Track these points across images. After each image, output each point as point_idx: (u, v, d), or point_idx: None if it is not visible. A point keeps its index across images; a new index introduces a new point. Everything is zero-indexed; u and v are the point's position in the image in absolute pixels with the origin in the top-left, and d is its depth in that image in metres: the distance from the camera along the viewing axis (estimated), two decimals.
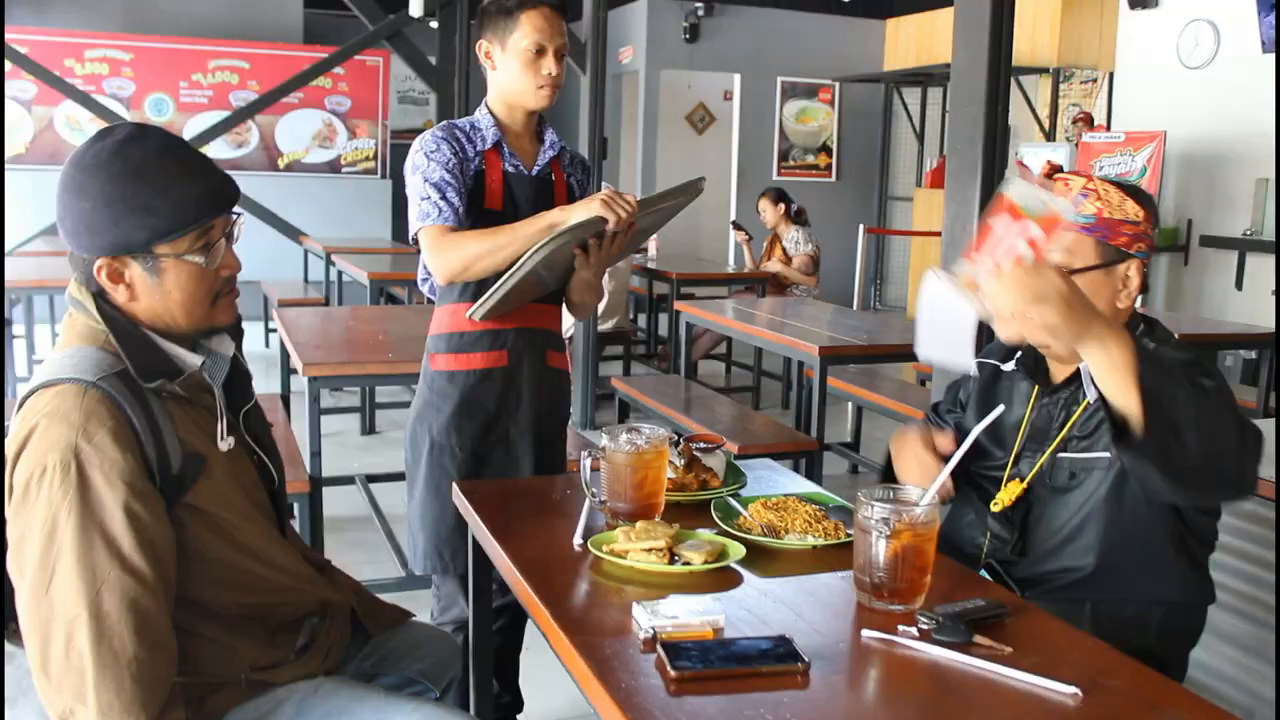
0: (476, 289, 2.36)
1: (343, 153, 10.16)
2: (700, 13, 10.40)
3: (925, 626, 1.46)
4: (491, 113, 2.43)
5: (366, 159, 10.15)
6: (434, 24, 9.03)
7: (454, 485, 2.12)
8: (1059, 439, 1.86)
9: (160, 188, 1.54)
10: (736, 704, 1.28)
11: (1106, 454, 1.79)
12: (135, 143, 1.55)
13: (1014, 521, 1.90)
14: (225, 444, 1.65)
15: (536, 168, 2.46)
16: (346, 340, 4.16)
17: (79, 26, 9.47)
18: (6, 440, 1.50)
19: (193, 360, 1.62)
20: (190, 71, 9.69)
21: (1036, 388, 1.93)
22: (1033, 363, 1.94)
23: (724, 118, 11.43)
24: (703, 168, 11.47)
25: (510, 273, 2.21)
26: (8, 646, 1.55)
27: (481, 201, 2.37)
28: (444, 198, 2.31)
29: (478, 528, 1.93)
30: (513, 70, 2.37)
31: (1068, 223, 1.63)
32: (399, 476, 4.76)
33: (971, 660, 1.39)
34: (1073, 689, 1.32)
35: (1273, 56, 7.43)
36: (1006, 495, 1.91)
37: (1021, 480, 1.90)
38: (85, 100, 8.46)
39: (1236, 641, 2.67)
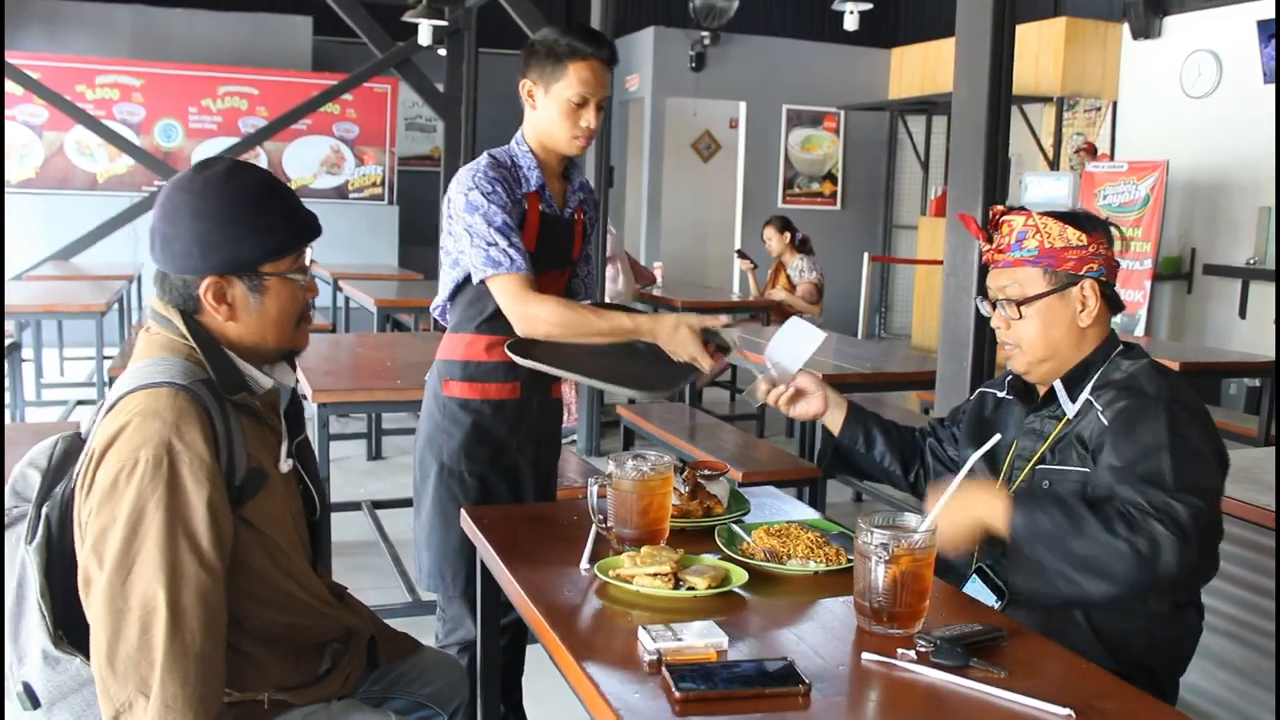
0: (495, 321, 2.38)
1: (350, 179, 10.19)
2: (706, 41, 10.44)
3: (923, 650, 1.50)
4: (531, 151, 2.43)
5: (374, 185, 10.19)
6: (442, 52, 9.06)
7: (462, 510, 2.15)
8: (1040, 452, 1.97)
9: (271, 210, 1.65)
10: None
11: (1079, 469, 1.90)
12: (241, 170, 1.66)
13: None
14: (286, 465, 1.72)
15: (567, 210, 2.49)
16: (354, 367, 4.16)
17: (90, 53, 9.55)
18: (94, 438, 1.55)
19: (266, 381, 1.70)
20: (200, 97, 9.75)
21: (1026, 410, 2.05)
22: (1023, 387, 2.06)
23: (729, 146, 11.46)
24: (708, 195, 11.54)
25: (573, 375, 2.24)
26: (54, 652, 1.58)
27: (523, 236, 2.37)
28: (512, 244, 2.29)
29: (486, 552, 1.96)
30: (551, 115, 2.38)
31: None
32: (406, 502, 4.74)
33: (968, 683, 1.43)
34: (1067, 711, 1.35)
35: (1273, 86, 7.47)
36: None
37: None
38: (96, 126, 8.50)
39: (1229, 665, 2.68)
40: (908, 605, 1.56)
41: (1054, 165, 8.95)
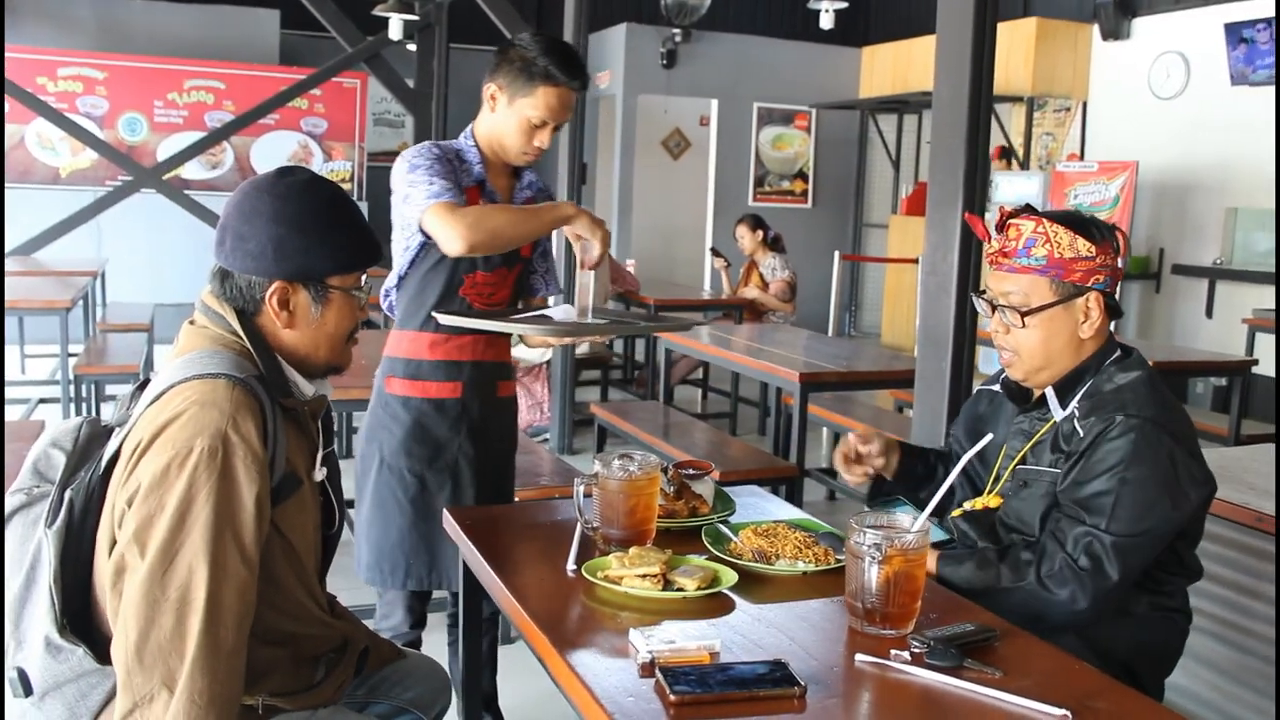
0: (437, 320, 2.41)
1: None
2: (678, 39, 10.41)
3: (917, 651, 1.50)
4: (477, 146, 2.45)
5: (342, 181, 10.05)
6: (412, 47, 8.99)
7: (445, 511, 2.14)
8: (1023, 452, 2.00)
9: (346, 226, 1.69)
10: None
11: (1053, 470, 1.92)
12: (322, 184, 1.70)
13: (982, 523, 2.02)
14: (320, 473, 1.74)
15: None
16: None
17: (51, 44, 9.37)
18: (139, 424, 1.53)
19: (308, 389, 1.72)
20: (165, 91, 9.59)
21: (1017, 409, 2.08)
22: (1015, 386, 2.07)
23: (700, 143, 11.44)
24: (679, 193, 11.53)
25: (503, 326, 2.35)
26: (58, 640, 1.55)
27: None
28: (451, 184, 2.30)
29: (470, 554, 1.94)
30: (509, 126, 2.39)
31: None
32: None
33: (963, 684, 1.43)
34: (1062, 711, 1.35)
35: (1241, 89, 7.55)
36: (980, 502, 2.04)
37: (994, 493, 2.04)
38: (58, 119, 8.35)
39: (1214, 665, 2.69)
40: (901, 606, 1.56)
41: (1024, 165, 9.00)
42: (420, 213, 2.30)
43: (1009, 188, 8.49)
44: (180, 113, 9.64)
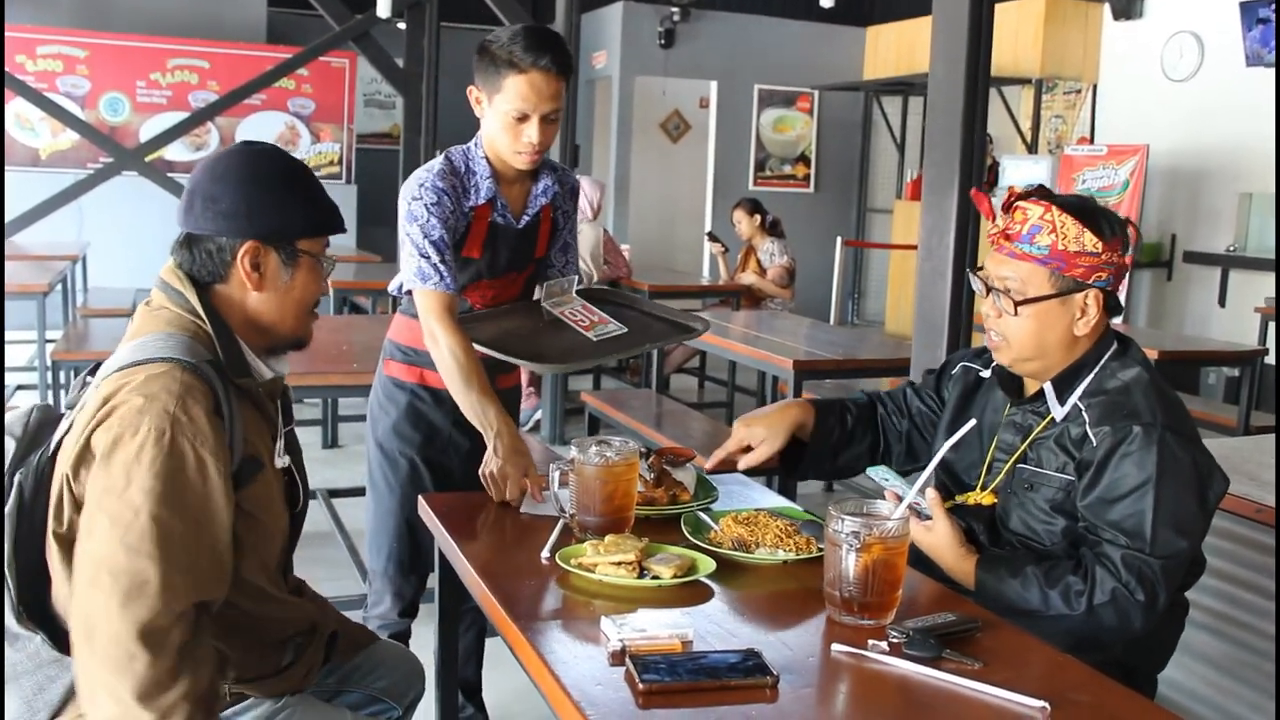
0: None
1: (306, 157, 9.96)
2: (676, 18, 10.28)
3: (895, 641, 1.49)
4: (486, 157, 2.35)
5: (330, 163, 9.97)
6: (402, 25, 8.84)
7: (420, 498, 2.14)
8: (1021, 450, 1.94)
9: (315, 190, 1.74)
10: (704, 717, 1.30)
11: (1060, 475, 1.88)
12: (287, 154, 1.77)
13: (981, 520, 1.99)
14: (282, 460, 1.74)
15: (524, 219, 2.41)
16: (309, 350, 3.98)
17: (30, 21, 9.24)
18: (86, 405, 1.54)
19: (267, 371, 1.73)
20: (148, 70, 9.47)
21: (1009, 400, 2.03)
22: (1007, 375, 2.01)
23: (699, 126, 11.30)
24: (677, 177, 11.36)
25: (514, 360, 2.30)
26: (15, 628, 1.55)
27: (461, 248, 2.34)
28: (443, 261, 2.25)
29: (444, 540, 1.94)
30: (494, 127, 2.29)
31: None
32: (362, 491, 4.71)
33: (941, 675, 1.41)
34: (1041, 703, 1.34)
35: (1256, 70, 7.36)
36: (973, 497, 2.00)
37: (988, 489, 1.99)
38: (37, 98, 8.19)
39: (1209, 660, 2.66)
40: (879, 595, 1.55)
41: (1032, 149, 8.82)
42: (411, 287, 2.30)
43: (1016, 172, 8.33)
44: (164, 93, 9.52)
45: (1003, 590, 1.80)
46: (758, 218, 7.25)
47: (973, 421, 1.92)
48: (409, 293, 2.38)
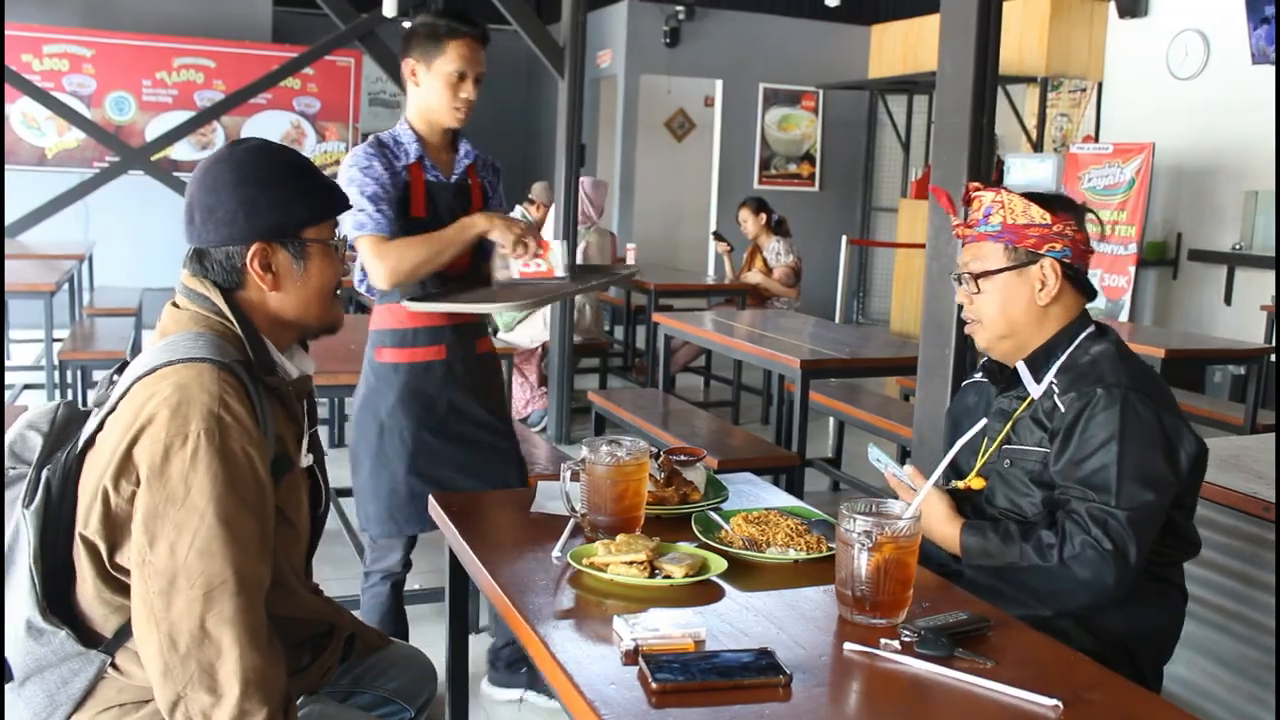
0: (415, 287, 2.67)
1: (311, 156, 9.97)
2: (681, 16, 10.24)
3: (907, 640, 1.49)
4: (412, 128, 2.71)
5: (336, 163, 9.89)
6: (407, 24, 8.80)
7: (430, 498, 2.15)
8: (1004, 432, 2.03)
9: (307, 177, 1.72)
10: (718, 716, 1.30)
11: (1038, 449, 1.95)
12: (276, 145, 1.74)
13: (970, 501, 2.07)
14: (307, 459, 1.75)
15: (454, 175, 2.75)
16: (316, 349, 3.98)
17: (37, 21, 9.23)
18: (123, 408, 1.53)
19: (293, 370, 1.74)
20: (154, 70, 9.47)
21: (997, 391, 2.12)
22: (995, 368, 2.11)
23: (705, 124, 11.28)
24: (682, 176, 11.35)
25: (468, 307, 2.65)
26: (40, 623, 1.55)
27: (408, 209, 2.64)
28: (378, 209, 2.57)
29: (455, 540, 1.93)
30: (435, 90, 2.66)
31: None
32: None
33: (953, 674, 1.41)
34: (1054, 702, 1.34)
35: (1262, 68, 7.33)
36: (963, 484, 2.06)
37: (978, 472, 2.06)
38: (44, 97, 8.19)
39: (1217, 657, 2.65)
40: (891, 594, 1.55)
41: (1037, 147, 8.79)
42: (353, 239, 2.56)
43: (1021, 171, 8.30)
44: (169, 92, 9.53)
45: (986, 548, 1.89)
46: (763, 216, 7.23)
47: (983, 421, 1.98)
48: (369, 287, 2.71)
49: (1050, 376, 1.96)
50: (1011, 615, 1.71)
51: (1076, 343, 1.97)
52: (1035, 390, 1.98)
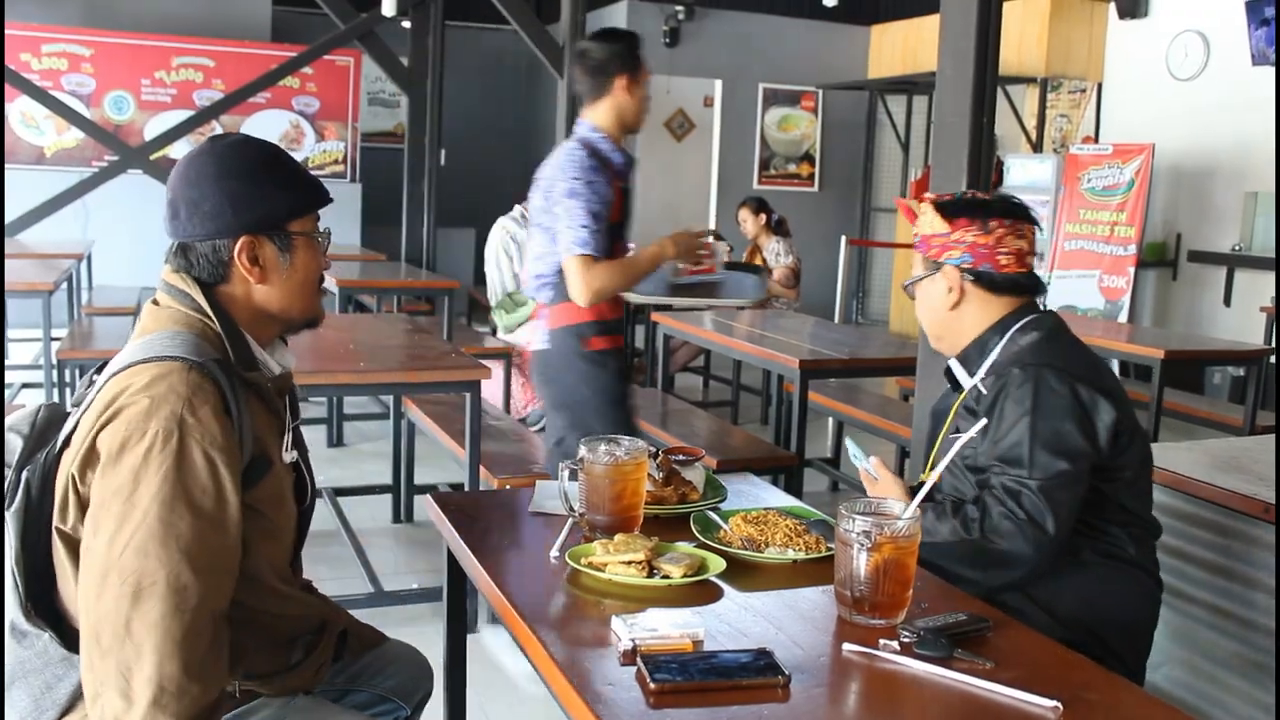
0: None
1: (310, 155, 9.95)
2: (681, 16, 10.25)
3: (906, 640, 1.49)
4: (607, 135, 3.03)
5: (335, 162, 9.95)
6: (406, 24, 8.80)
7: (428, 498, 2.15)
8: (947, 424, 2.13)
9: (292, 169, 1.72)
10: (716, 717, 1.29)
11: (966, 435, 1.97)
12: (256, 139, 1.73)
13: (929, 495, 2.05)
14: (289, 455, 1.73)
15: (631, 182, 3.11)
16: (314, 348, 4.00)
17: (36, 20, 9.22)
18: (93, 404, 1.53)
19: (275, 366, 1.73)
20: (153, 69, 9.44)
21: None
22: (947, 371, 2.19)
23: (704, 124, 11.27)
24: (682, 176, 11.33)
25: (707, 302, 3.18)
26: (24, 625, 1.55)
27: (609, 217, 2.97)
28: (599, 228, 2.92)
29: (453, 539, 1.93)
30: (641, 100, 3.08)
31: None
32: (368, 490, 4.89)
33: (953, 675, 1.41)
34: (1053, 703, 1.34)
35: (1262, 69, 7.33)
36: (924, 475, 2.07)
37: (932, 465, 2.08)
38: (43, 97, 8.16)
39: (1214, 658, 2.64)
40: (890, 595, 1.55)
41: (1037, 148, 8.79)
42: (570, 253, 2.92)
43: (1021, 172, 8.30)
44: (168, 91, 9.50)
45: (925, 526, 1.90)
46: (763, 217, 7.22)
47: (984, 421, 1.98)
48: (553, 285, 3.05)
49: (983, 370, 2.06)
50: (965, 593, 1.76)
51: (1008, 335, 2.04)
52: (967, 383, 2.10)
